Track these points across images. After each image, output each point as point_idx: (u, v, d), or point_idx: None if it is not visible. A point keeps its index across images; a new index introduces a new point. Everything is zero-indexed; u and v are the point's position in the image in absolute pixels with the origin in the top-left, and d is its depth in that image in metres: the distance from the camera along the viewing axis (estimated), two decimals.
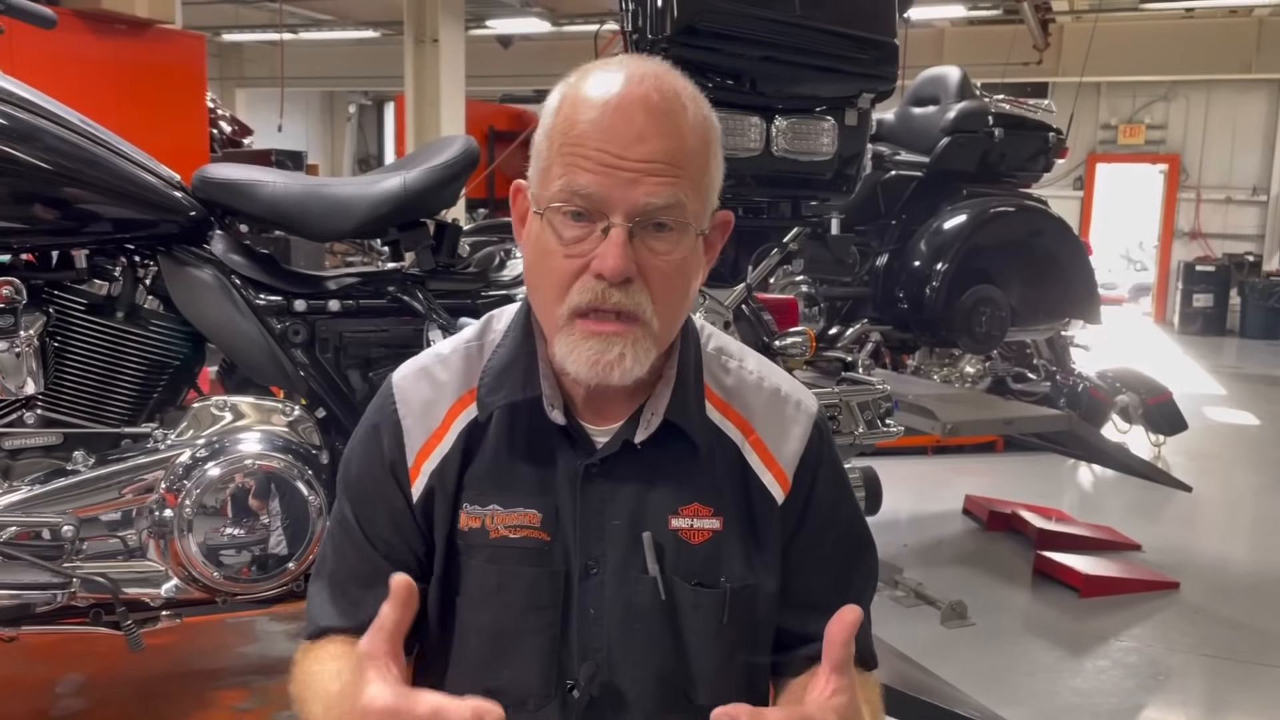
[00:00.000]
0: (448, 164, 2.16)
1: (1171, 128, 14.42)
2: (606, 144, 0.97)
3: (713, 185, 1.04)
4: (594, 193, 0.97)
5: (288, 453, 2.06)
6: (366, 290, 2.20)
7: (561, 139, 1.00)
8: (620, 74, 1.00)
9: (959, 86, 5.08)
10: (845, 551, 1.15)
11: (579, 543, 1.06)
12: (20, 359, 1.91)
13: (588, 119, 0.98)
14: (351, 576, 1.11)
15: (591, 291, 0.99)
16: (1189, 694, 3.59)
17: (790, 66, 2.45)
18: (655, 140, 0.97)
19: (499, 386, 1.09)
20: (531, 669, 1.06)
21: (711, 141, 1.03)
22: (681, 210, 0.99)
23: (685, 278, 1.03)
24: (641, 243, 0.99)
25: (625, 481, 1.07)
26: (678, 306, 1.05)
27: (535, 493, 1.07)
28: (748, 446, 1.11)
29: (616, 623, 1.06)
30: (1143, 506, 5.62)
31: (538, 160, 1.03)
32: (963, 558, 4.82)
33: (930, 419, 4.03)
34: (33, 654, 2.23)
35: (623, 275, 0.97)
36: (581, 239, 0.99)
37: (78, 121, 2.01)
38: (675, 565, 1.06)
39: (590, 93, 1.00)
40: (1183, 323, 13.85)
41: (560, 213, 0.99)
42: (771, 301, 2.66)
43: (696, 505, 1.08)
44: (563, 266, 1.00)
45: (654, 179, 0.97)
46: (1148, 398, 6.11)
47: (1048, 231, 5.00)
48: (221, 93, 14.41)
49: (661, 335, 1.03)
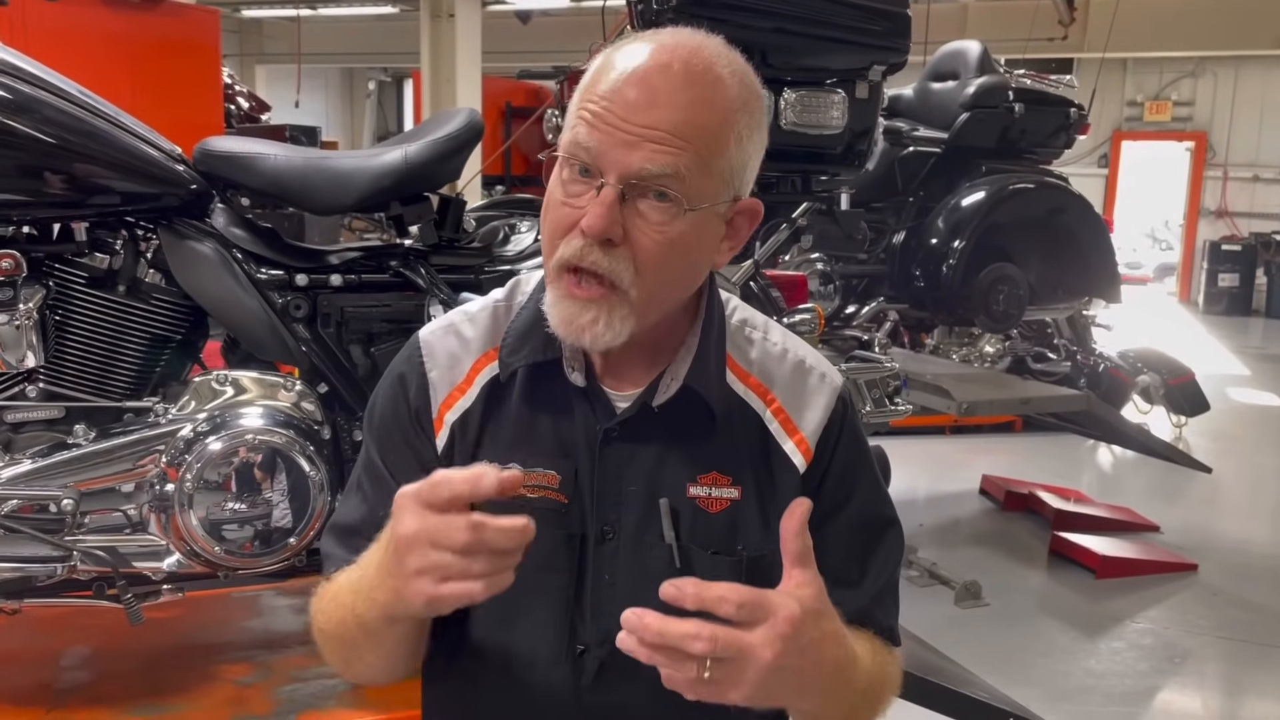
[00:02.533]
0: (450, 137, 2.13)
1: (1199, 104, 14.22)
2: (614, 105, 0.97)
3: (732, 168, 1.02)
4: (592, 147, 0.97)
5: (289, 428, 2.04)
6: (369, 265, 2.18)
7: (585, 97, 1.01)
8: (655, 42, 1.01)
9: (979, 61, 5.02)
10: (865, 526, 1.14)
11: (595, 506, 1.07)
12: (20, 332, 1.89)
13: (609, 81, 0.99)
14: (373, 518, 1.10)
15: (573, 248, 0.99)
16: (1205, 676, 3.56)
17: (800, 37, 2.41)
18: (664, 110, 0.96)
19: (520, 346, 1.10)
20: (544, 631, 1.07)
21: (736, 123, 1.00)
22: (679, 182, 0.97)
23: (683, 255, 1.01)
24: (634, 209, 0.98)
25: (644, 447, 1.07)
26: (669, 282, 1.03)
27: (555, 454, 1.08)
28: (769, 415, 1.11)
29: (630, 588, 1.06)
30: (1162, 488, 5.57)
31: (568, 115, 1.04)
32: (978, 538, 4.80)
33: (946, 398, 4.00)
34: (38, 627, 2.24)
35: (601, 235, 0.97)
36: (581, 194, 0.99)
37: (77, 93, 1.99)
38: (692, 533, 1.07)
39: (620, 56, 1.01)
40: (1207, 302, 13.71)
41: (568, 164, 1.00)
42: (780, 278, 2.63)
43: (715, 474, 1.08)
44: (559, 215, 1.01)
45: (653, 145, 0.96)
46: (1170, 378, 6.06)
47: (1068, 209, 4.94)
48: (241, 69, 14.42)
49: (642, 306, 1.01)
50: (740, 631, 0.87)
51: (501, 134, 8.20)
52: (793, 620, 0.88)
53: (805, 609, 0.90)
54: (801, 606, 0.89)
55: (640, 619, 0.86)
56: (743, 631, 0.87)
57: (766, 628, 0.87)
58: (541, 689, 1.07)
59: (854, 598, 1.09)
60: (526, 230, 2.44)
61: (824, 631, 0.92)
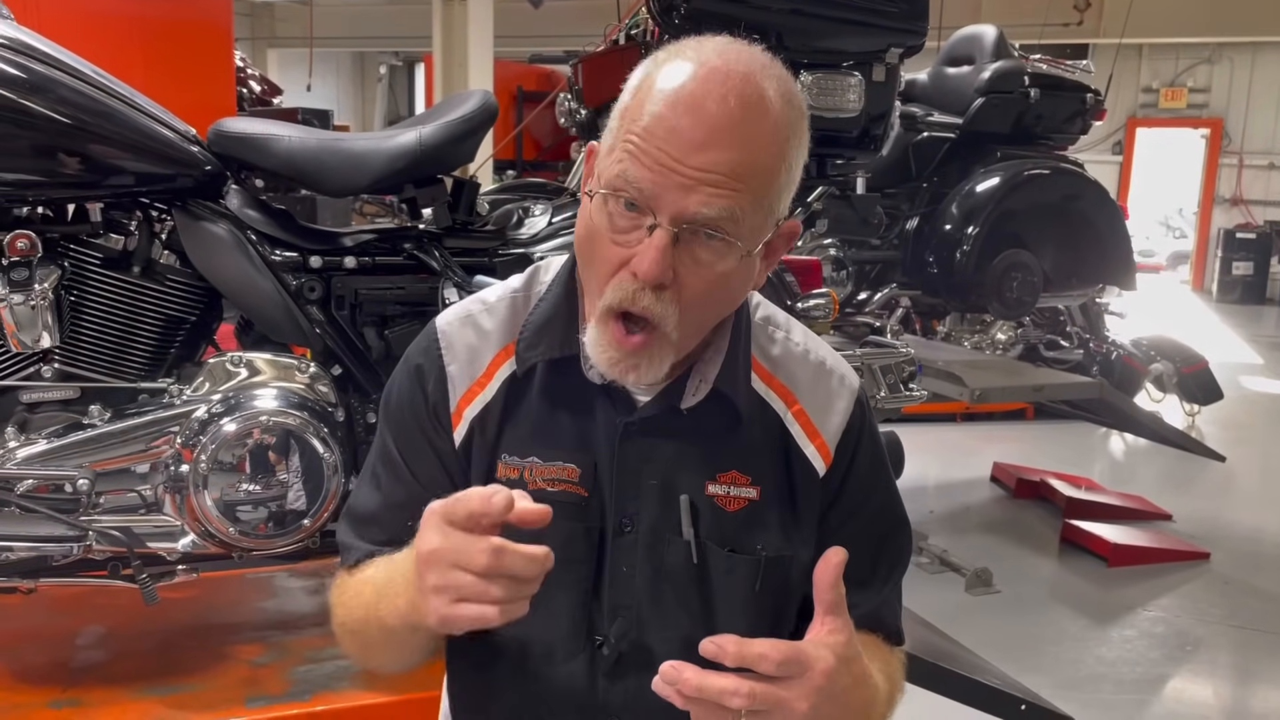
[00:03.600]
0: (464, 119, 2.12)
1: (1215, 91, 14.11)
2: (668, 144, 0.93)
3: (780, 197, 0.99)
4: (645, 188, 0.94)
5: (303, 409, 2.04)
6: (383, 247, 2.17)
7: (630, 124, 0.96)
8: (705, 65, 0.95)
9: (995, 46, 4.98)
10: (879, 528, 1.15)
11: (614, 500, 1.06)
12: (36, 312, 1.89)
13: (657, 111, 0.94)
14: (389, 506, 1.11)
15: (624, 291, 0.97)
16: (1217, 665, 3.55)
17: (816, 19, 2.39)
18: (719, 150, 0.93)
19: (537, 342, 1.08)
20: (561, 622, 1.07)
21: (788, 152, 0.97)
22: (734, 224, 0.95)
23: (726, 291, 1.01)
24: (686, 249, 0.95)
25: (664, 443, 1.07)
26: (708, 317, 1.03)
27: (575, 447, 1.07)
28: (790, 417, 1.11)
29: (647, 582, 1.06)
30: (1175, 476, 5.55)
31: (608, 134, 1.00)
32: (989, 525, 4.79)
33: (958, 385, 3.99)
34: (53, 606, 2.25)
35: (656, 280, 0.95)
36: (629, 230, 0.96)
37: (92, 74, 1.98)
38: (710, 530, 1.06)
39: (666, 81, 0.95)
40: (1221, 291, 13.64)
41: (614, 197, 0.97)
42: (794, 263, 2.61)
43: (735, 473, 1.08)
44: (607, 253, 0.98)
45: (710, 189, 0.93)
46: (1183, 366, 6.03)
47: (1083, 195, 4.90)
48: (253, 53, 14.40)
49: (681, 344, 1.01)
50: (776, 686, 0.88)
51: (513, 118, 8.17)
52: (828, 673, 0.90)
53: (839, 658, 0.91)
54: (835, 656, 0.91)
55: (679, 673, 0.86)
56: (779, 686, 0.88)
57: (802, 681, 0.88)
58: (560, 679, 1.07)
59: (866, 599, 1.10)
60: (540, 214, 2.43)
61: (854, 677, 0.94)
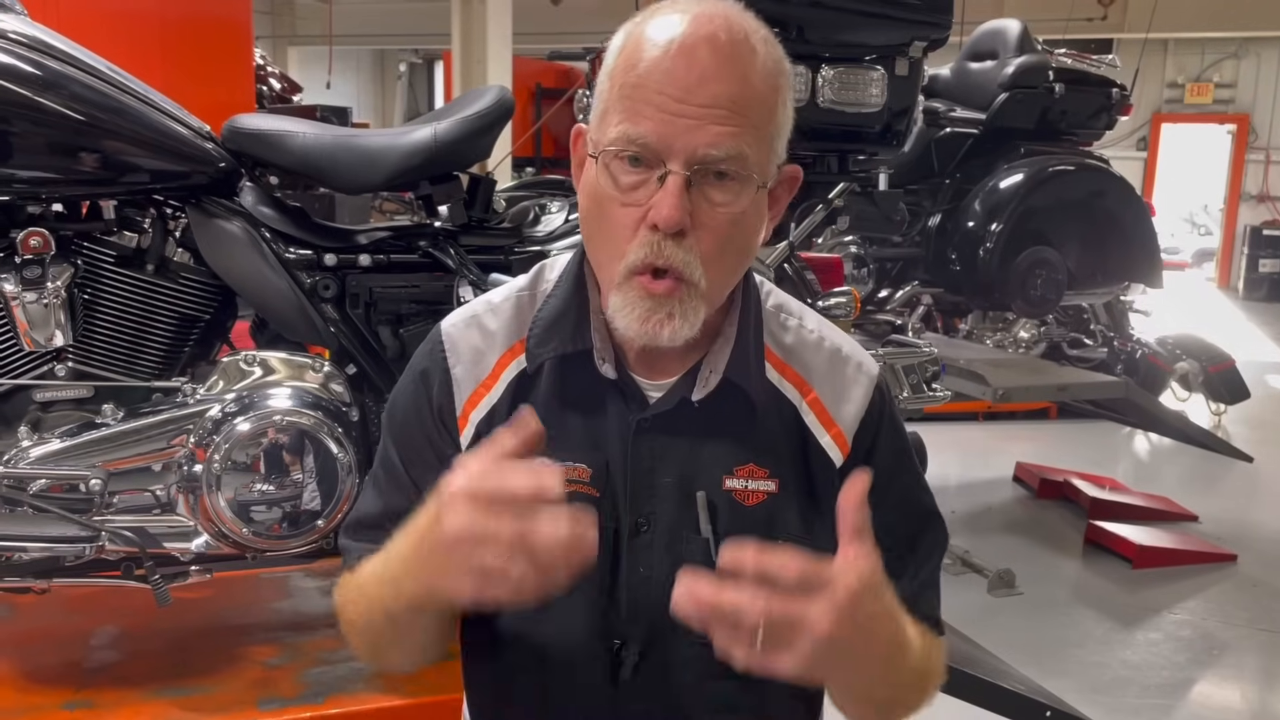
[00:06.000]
0: (480, 114, 2.10)
1: (1241, 86, 13.96)
2: (668, 86, 0.93)
3: (779, 135, 0.99)
4: (651, 139, 0.93)
5: (318, 409, 2.02)
6: (398, 245, 2.15)
7: (622, 80, 0.96)
8: (687, 13, 0.96)
9: (1019, 40, 4.92)
10: (907, 518, 1.11)
11: (629, 499, 1.04)
12: (49, 310, 1.88)
13: (649, 59, 0.94)
14: (390, 513, 1.09)
15: (647, 246, 0.95)
16: (1244, 669, 3.49)
17: (839, 13, 2.35)
18: (719, 83, 0.93)
19: (548, 338, 1.07)
20: (578, 627, 1.04)
21: (781, 88, 0.98)
22: (744, 161, 0.94)
23: (743, 233, 0.99)
24: (700, 192, 0.95)
25: (678, 439, 1.04)
26: (731, 264, 1.01)
27: (585, 447, 1.05)
28: (805, 407, 1.08)
29: (666, 582, 1.01)
30: (1201, 477, 5.49)
31: (598, 101, 1.00)
32: (1012, 526, 4.74)
33: (981, 384, 3.95)
34: (66, 606, 2.24)
35: (677, 225, 0.93)
36: (638, 186, 0.95)
37: (106, 70, 1.97)
38: (729, 527, 1.03)
39: (653, 32, 0.96)
40: (1247, 289, 13.51)
41: (618, 158, 0.96)
42: (815, 260, 2.58)
43: (752, 466, 1.04)
44: (619, 216, 0.97)
45: (716, 126, 0.93)
46: (1209, 365, 5.96)
47: (1109, 192, 4.84)
48: (274, 51, 14.46)
49: (710, 294, 0.99)
50: (796, 603, 0.83)
51: (532, 115, 8.16)
52: (853, 594, 0.84)
53: (863, 582, 0.86)
54: (860, 580, 0.85)
55: (691, 585, 0.83)
56: (799, 602, 0.83)
57: (825, 599, 0.83)
58: (580, 684, 1.05)
59: (899, 590, 1.05)
60: (557, 211, 2.41)
61: (880, 606, 0.89)
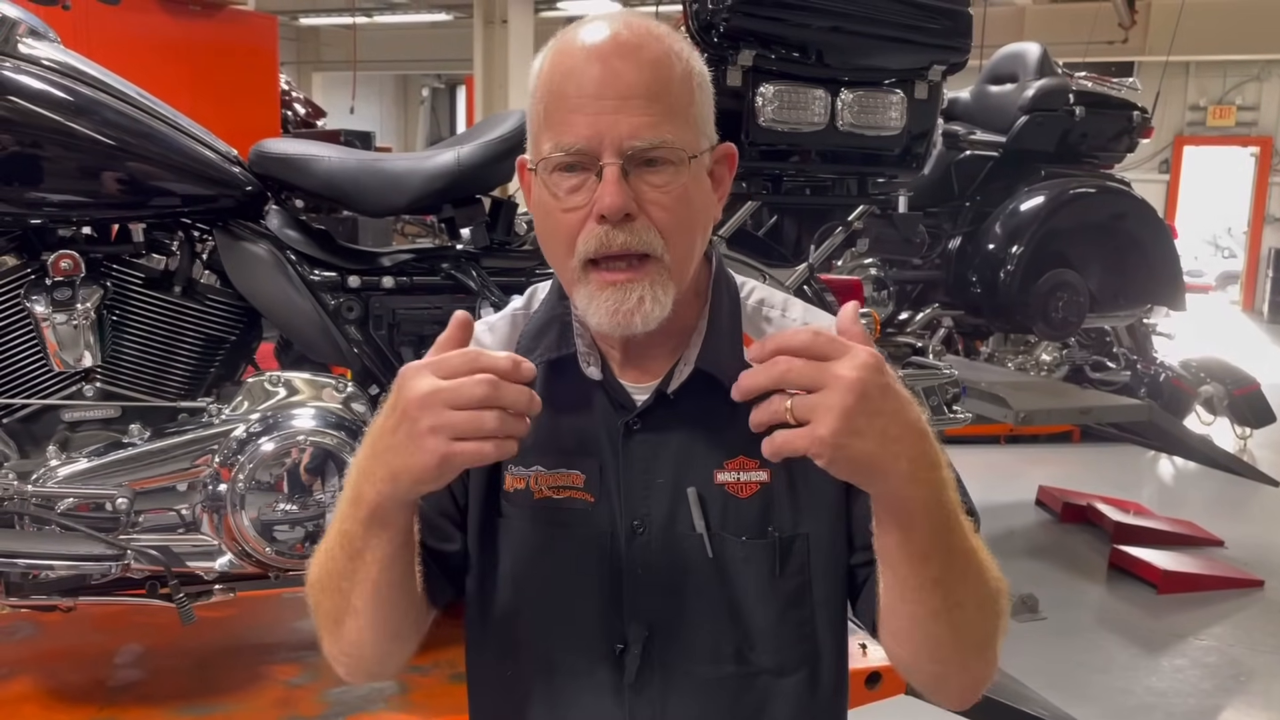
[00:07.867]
0: (502, 139, 2.12)
1: (1264, 109, 13.90)
2: (585, 89, 0.97)
3: (702, 116, 1.03)
4: (580, 141, 0.97)
5: (341, 429, 2.04)
6: (421, 267, 2.18)
7: (545, 98, 1.01)
8: (590, 26, 1.02)
9: (1039, 63, 4.91)
10: None
11: (624, 502, 1.05)
12: (78, 331, 1.92)
13: (563, 72, 0.99)
14: None
15: (596, 238, 0.98)
16: (1272, 696, 3.45)
17: (858, 37, 2.36)
18: (630, 73, 0.98)
19: (535, 345, 1.10)
20: (581, 632, 1.06)
21: (692, 72, 1.02)
22: (669, 145, 0.98)
23: (689, 208, 1.01)
24: (639, 179, 0.98)
25: (667, 437, 1.06)
26: (688, 238, 1.03)
27: (577, 453, 1.07)
28: None
29: (666, 582, 1.05)
30: (1226, 501, 5.43)
31: (530, 126, 1.04)
32: (1035, 550, 4.71)
33: (1003, 407, 3.93)
34: (92, 624, 2.26)
35: (621, 211, 0.96)
36: (577, 188, 0.99)
37: (136, 95, 2.01)
38: (723, 520, 1.05)
39: (564, 49, 1.01)
40: (1272, 311, 13.41)
41: (556, 170, 0.99)
42: (835, 282, 2.59)
43: (742, 458, 1.05)
44: (566, 221, 1.00)
45: (637, 116, 0.97)
46: (1234, 388, 5.91)
47: (1130, 214, 4.81)
48: (298, 76, 14.64)
49: (676, 270, 1.01)
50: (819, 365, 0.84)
51: None
52: (873, 353, 0.85)
53: (876, 357, 0.86)
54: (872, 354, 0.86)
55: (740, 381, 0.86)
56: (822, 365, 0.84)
57: (848, 356, 0.84)
58: (586, 690, 1.06)
59: None
60: None
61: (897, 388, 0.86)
